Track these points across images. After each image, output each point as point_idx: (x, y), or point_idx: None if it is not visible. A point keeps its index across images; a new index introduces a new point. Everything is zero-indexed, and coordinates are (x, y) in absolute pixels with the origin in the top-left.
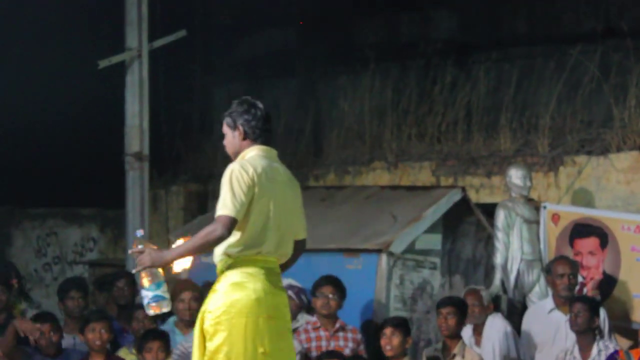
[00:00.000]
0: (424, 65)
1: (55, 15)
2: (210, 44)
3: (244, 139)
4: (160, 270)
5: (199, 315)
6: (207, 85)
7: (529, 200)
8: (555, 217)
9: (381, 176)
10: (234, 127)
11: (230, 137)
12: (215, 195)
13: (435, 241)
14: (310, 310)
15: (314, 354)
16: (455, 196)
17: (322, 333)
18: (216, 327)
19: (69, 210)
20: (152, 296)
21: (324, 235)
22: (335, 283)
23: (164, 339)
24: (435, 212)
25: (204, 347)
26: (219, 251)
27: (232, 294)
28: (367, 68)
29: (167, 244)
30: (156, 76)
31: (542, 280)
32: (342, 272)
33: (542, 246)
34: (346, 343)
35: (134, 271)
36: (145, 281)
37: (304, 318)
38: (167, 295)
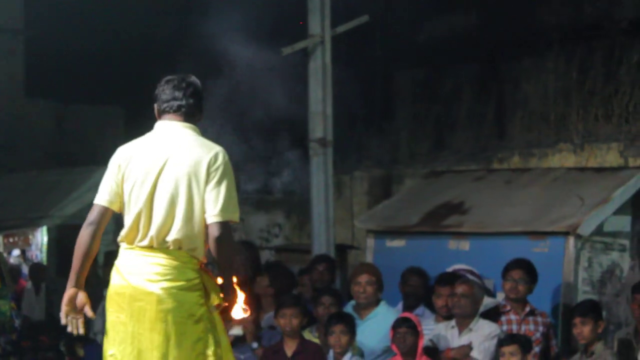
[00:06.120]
0: (609, 45)
1: (240, 3)
2: (391, 30)
3: (158, 118)
4: None
5: None
6: (389, 70)
7: None
8: None
9: (567, 158)
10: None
11: None
12: (399, 180)
13: (624, 223)
14: (490, 293)
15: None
16: None
17: (513, 317)
18: None
19: (256, 197)
20: None
21: (509, 218)
22: (525, 267)
23: (347, 322)
24: (623, 193)
25: None
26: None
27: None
28: (551, 49)
29: (352, 229)
30: (339, 62)
31: None
32: (529, 255)
33: None
34: (536, 327)
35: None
36: None
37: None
38: None
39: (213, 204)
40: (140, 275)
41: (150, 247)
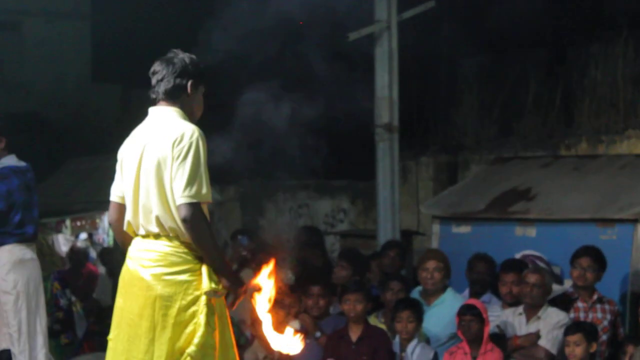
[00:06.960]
0: None
1: None
2: (457, 14)
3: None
4: None
5: None
6: (455, 55)
7: None
8: None
9: (636, 145)
10: None
11: None
12: (465, 166)
13: None
14: (558, 279)
15: None
16: None
17: (580, 304)
18: None
19: (320, 182)
20: None
21: (576, 205)
22: (593, 255)
23: (415, 308)
24: None
25: None
26: None
27: None
28: (620, 35)
29: (417, 215)
30: (405, 47)
31: None
32: (596, 243)
33: None
34: (604, 315)
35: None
36: None
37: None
38: None
39: (177, 185)
40: (136, 261)
41: (147, 235)
